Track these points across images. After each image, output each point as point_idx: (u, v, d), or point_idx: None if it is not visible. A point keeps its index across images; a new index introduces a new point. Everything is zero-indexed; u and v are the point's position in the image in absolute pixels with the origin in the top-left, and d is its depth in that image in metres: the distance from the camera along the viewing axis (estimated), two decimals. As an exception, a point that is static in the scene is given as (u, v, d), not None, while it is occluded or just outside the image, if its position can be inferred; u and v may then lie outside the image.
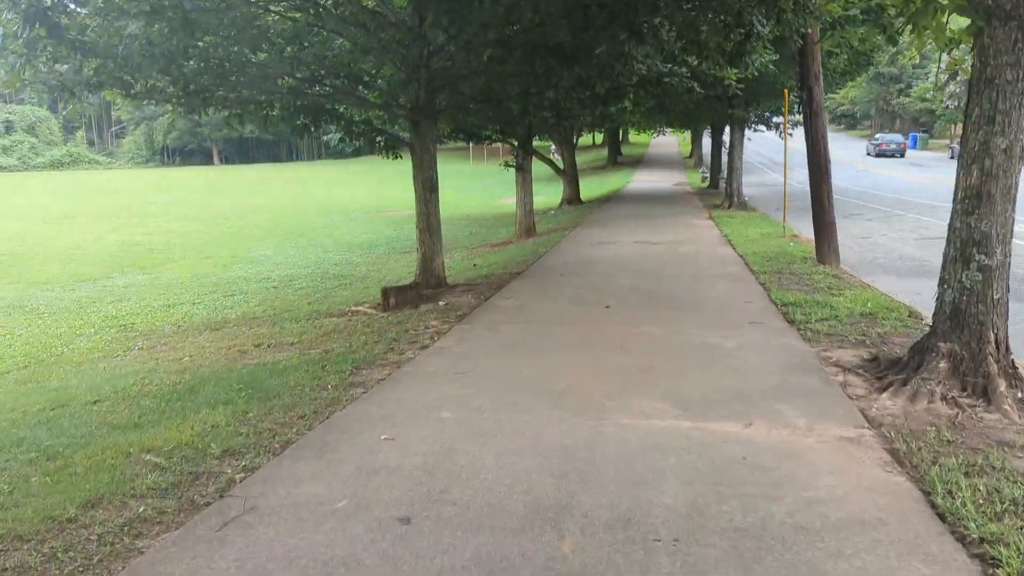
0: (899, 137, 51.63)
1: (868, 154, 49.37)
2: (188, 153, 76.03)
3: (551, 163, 28.20)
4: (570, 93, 14.16)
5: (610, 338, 7.34)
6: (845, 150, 55.31)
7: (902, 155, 47.93)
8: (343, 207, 34.13)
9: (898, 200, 24.82)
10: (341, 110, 10.85)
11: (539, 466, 4.26)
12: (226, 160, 76.21)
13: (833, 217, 12.09)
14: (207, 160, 75.79)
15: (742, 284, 10.27)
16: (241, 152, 76.20)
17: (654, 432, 4.77)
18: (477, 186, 48.65)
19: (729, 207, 22.25)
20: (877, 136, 51.93)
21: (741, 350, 6.78)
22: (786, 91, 15.77)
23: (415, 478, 4.12)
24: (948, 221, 5.66)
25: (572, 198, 28.40)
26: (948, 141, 57.74)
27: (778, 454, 4.40)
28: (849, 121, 77.48)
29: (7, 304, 14.26)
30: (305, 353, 7.52)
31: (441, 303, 9.92)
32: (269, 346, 8.40)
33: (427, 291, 10.72)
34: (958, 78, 39.50)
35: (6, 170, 66.99)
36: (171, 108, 10.37)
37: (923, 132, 56.78)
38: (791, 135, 34.56)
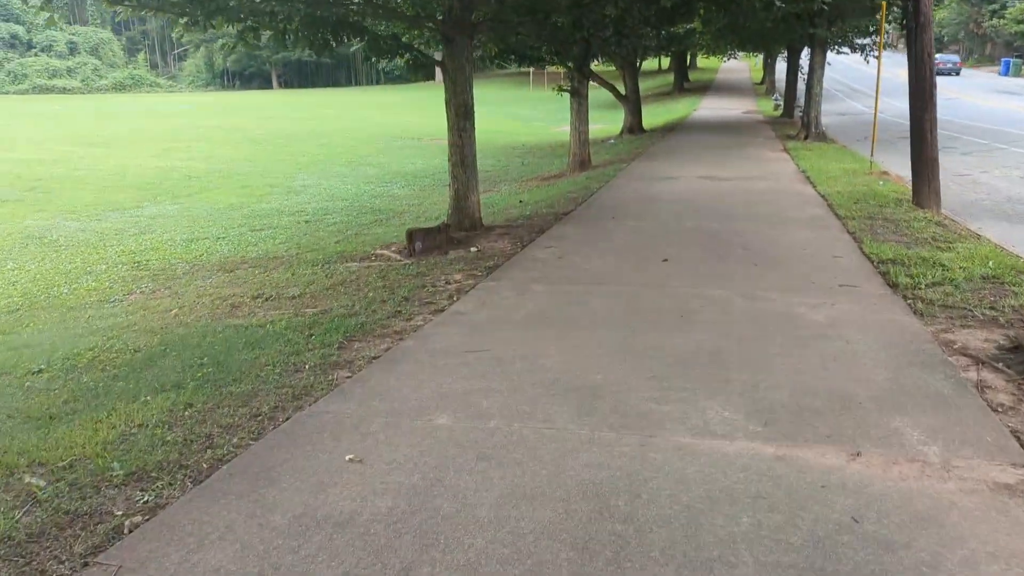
0: (954, 57, 54.59)
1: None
2: (248, 77, 75.08)
3: (612, 88, 26.20)
4: (631, 7, 12.37)
5: (666, 306, 5.90)
6: (940, 78, 51.31)
7: (957, 74, 50.92)
8: (396, 133, 32.74)
9: (996, 131, 22.24)
10: (366, 23, 9.36)
11: (554, 524, 2.93)
12: (285, 85, 75.13)
13: (936, 153, 10.23)
14: (267, 84, 74.78)
15: (827, 232, 8.63)
16: (301, 76, 74.95)
17: (722, 463, 3.38)
18: (537, 113, 46.65)
19: (806, 138, 20.14)
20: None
21: (835, 327, 5.27)
22: (884, 3, 13.60)
23: (370, 543, 2.83)
24: None
25: (634, 126, 26.43)
26: (1047, 67, 53.04)
27: (906, 515, 2.97)
28: (936, 45, 72.12)
29: (27, 235, 13.42)
30: (300, 313, 6.28)
31: (473, 249, 8.57)
32: (267, 299, 7.19)
33: (459, 234, 9.37)
34: None
35: (70, 92, 67.17)
36: (178, 24, 9.06)
37: (1017, 57, 52.13)
38: (877, 57, 31.67)
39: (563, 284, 6.68)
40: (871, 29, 21.32)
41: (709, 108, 35.77)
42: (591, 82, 28.23)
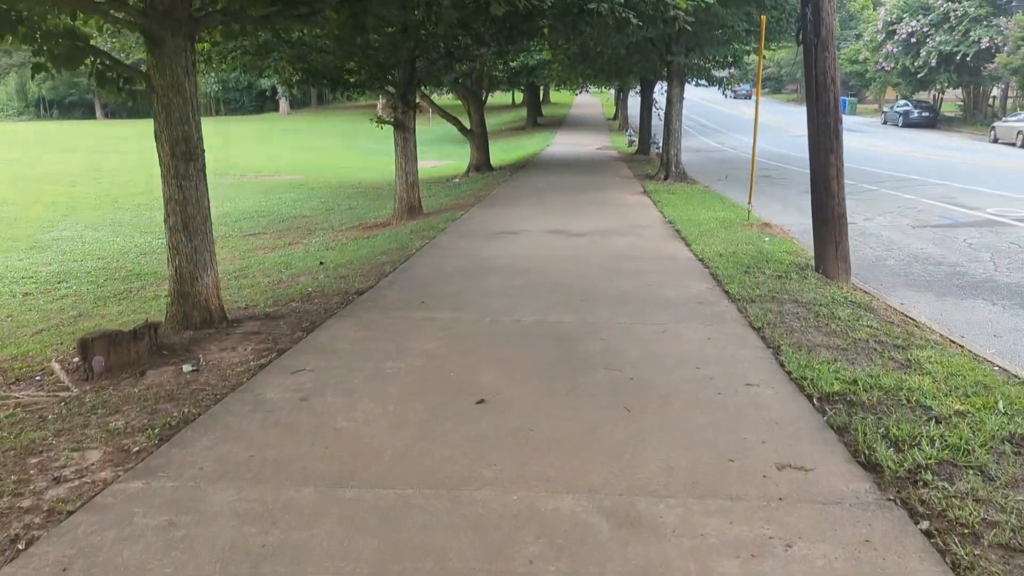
0: (747, 86, 53.56)
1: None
2: (68, 106, 67.27)
3: (457, 122, 23.43)
4: (451, 18, 9.55)
5: (466, 552, 2.83)
6: (771, 113, 52.06)
7: (748, 97, 58.20)
8: (217, 169, 28.58)
9: (858, 171, 20.97)
10: (24, 12, 5.93)
11: None
12: (112, 115, 68.07)
13: (844, 207, 7.83)
14: (90, 114, 67.51)
15: (723, 328, 5.89)
16: (128, 106, 67.98)
17: None
18: (385, 147, 43.27)
19: (666, 178, 17.98)
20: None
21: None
22: (764, 18, 11.41)
23: None
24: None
25: (481, 164, 23.72)
26: (877, 105, 55.10)
27: None
28: (774, 84, 74.46)
29: None
30: None
31: (188, 367, 5.26)
32: None
33: (183, 336, 6.03)
34: (895, 38, 35.77)
35: None
36: None
37: (851, 96, 53.83)
38: (731, 95, 30.60)
39: (274, 482, 3.48)
40: (729, 60, 19.57)
41: (562, 144, 33.74)
42: (438, 115, 25.44)
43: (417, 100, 23.05)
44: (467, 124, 24.06)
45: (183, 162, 6.04)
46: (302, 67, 12.40)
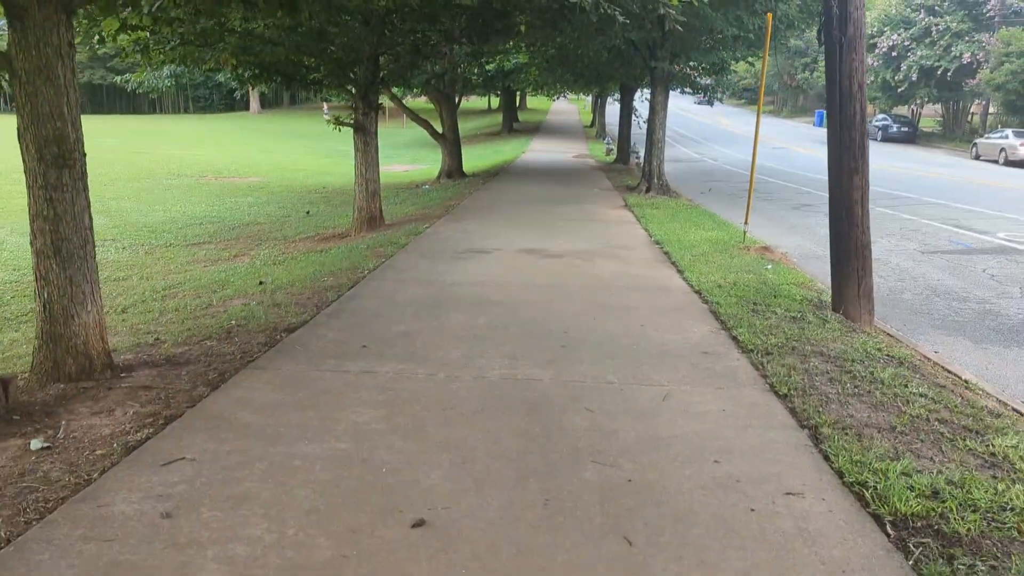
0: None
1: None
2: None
3: (428, 125, 22.10)
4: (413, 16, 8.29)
5: None
6: (749, 125, 51.36)
7: (711, 104, 53.31)
8: (174, 169, 26.97)
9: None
10: None
11: None
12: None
13: (869, 236, 6.64)
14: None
15: (739, 396, 4.61)
16: (95, 102, 65.74)
17: None
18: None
19: (648, 190, 16.78)
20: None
21: None
22: (770, 16, 10.22)
23: None
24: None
25: (453, 170, 22.40)
26: (855, 120, 54.51)
27: None
28: (751, 96, 73.91)
29: None
30: None
31: (37, 443, 3.91)
32: None
33: (51, 390, 4.67)
34: (876, 51, 34.99)
35: None
36: None
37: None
38: (697, 100, 29.58)
39: None
40: (716, 68, 18.43)
41: (538, 151, 32.52)
42: (409, 118, 24.05)
43: (384, 101, 21.69)
44: (439, 128, 22.73)
45: (54, 169, 4.67)
46: (248, 60, 11.01)
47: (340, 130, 12.01)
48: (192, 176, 25.59)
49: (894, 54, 40.05)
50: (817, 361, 5.20)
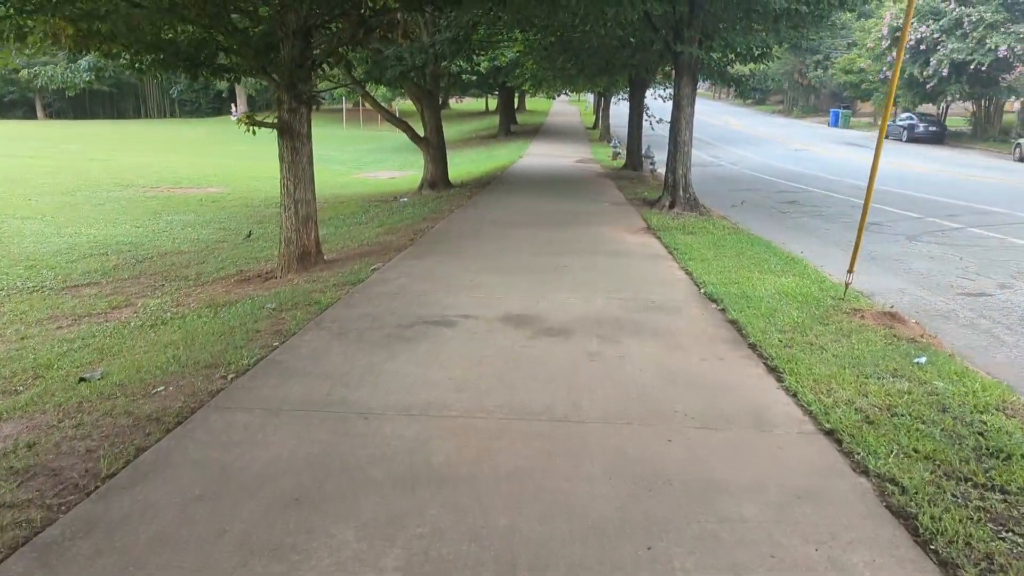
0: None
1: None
2: (7, 105, 61.14)
3: (407, 127, 18.59)
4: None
5: None
6: (763, 125, 47.73)
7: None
8: (128, 179, 23.39)
9: (907, 197, 16.42)
10: None
11: None
12: (57, 115, 61.99)
13: None
14: (31, 114, 61.50)
15: None
16: (76, 106, 61.90)
17: None
18: (344, 155, 38.40)
19: (672, 206, 13.22)
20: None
21: None
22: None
23: None
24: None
25: (436, 179, 18.80)
26: (873, 118, 51.01)
27: None
28: (759, 96, 70.18)
29: None
30: None
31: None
32: None
33: None
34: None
35: None
36: None
37: (844, 108, 49.58)
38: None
39: None
40: (756, 52, 14.80)
41: (537, 155, 28.90)
42: (385, 120, 20.41)
43: (362, 99, 18.05)
44: (421, 131, 19.20)
45: None
46: (89, 30, 7.36)
47: (255, 132, 8.42)
48: (143, 187, 22.04)
49: (922, 48, 36.41)
50: None
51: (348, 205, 17.78)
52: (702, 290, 7.04)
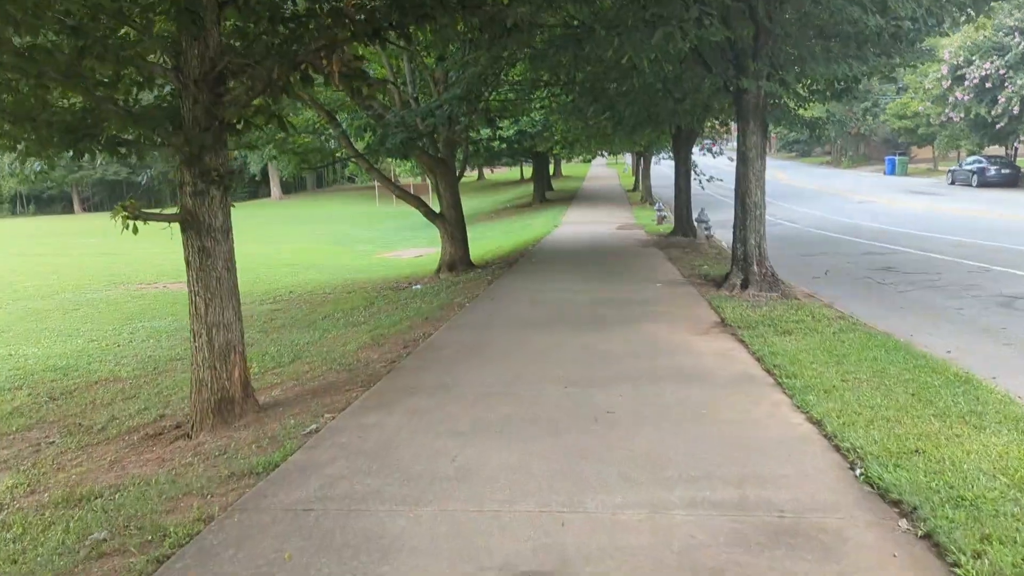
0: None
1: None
2: (46, 200, 61.04)
3: (420, 203, 15.92)
4: None
5: None
6: (812, 178, 44.30)
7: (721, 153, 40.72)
8: (115, 277, 21.11)
9: (998, 248, 12.99)
10: None
11: None
12: (92, 208, 61.72)
13: None
14: (69, 208, 61.21)
15: None
16: (115, 197, 61.90)
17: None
18: (372, 233, 36.01)
19: (745, 285, 10.07)
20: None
21: None
22: None
23: None
24: None
25: (456, 260, 15.93)
26: (932, 164, 47.25)
27: None
28: (802, 148, 66.70)
29: None
30: None
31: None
32: None
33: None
34: (964, 84, 26.82)
35: None
36: None
37: (900, 155, 45.93)
38: (703, 151, 23.73)
39: None
40: (839, 86, 11.70)
41: (574, 222, 26.00)
42: (398, 197, 17.73)
43: (350, 171, 15.73)
44: (437, 207, 16.49)
45: None
46: None
47: (136, 229, 5.59)
48: (139, 283, 19.69)
49: (988, 85, 33.03)
50: None
51: (355, 296, 14.97)
52: (859, 473, 3.85)
